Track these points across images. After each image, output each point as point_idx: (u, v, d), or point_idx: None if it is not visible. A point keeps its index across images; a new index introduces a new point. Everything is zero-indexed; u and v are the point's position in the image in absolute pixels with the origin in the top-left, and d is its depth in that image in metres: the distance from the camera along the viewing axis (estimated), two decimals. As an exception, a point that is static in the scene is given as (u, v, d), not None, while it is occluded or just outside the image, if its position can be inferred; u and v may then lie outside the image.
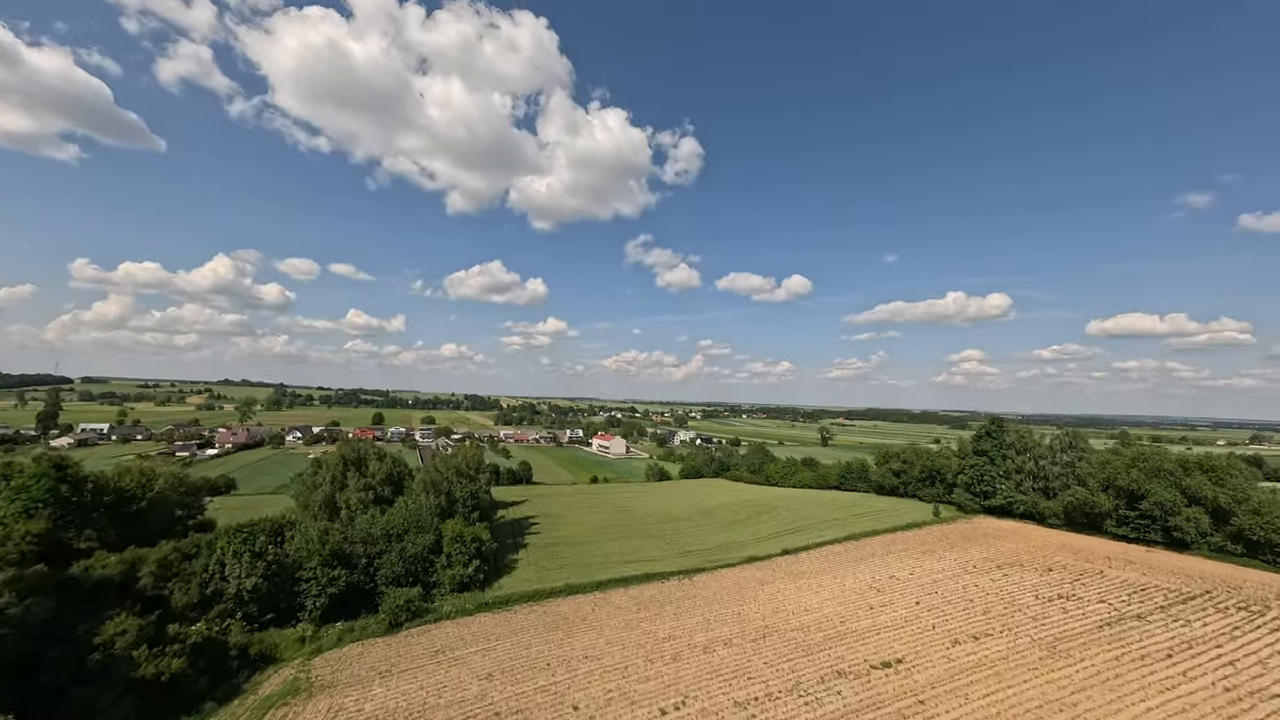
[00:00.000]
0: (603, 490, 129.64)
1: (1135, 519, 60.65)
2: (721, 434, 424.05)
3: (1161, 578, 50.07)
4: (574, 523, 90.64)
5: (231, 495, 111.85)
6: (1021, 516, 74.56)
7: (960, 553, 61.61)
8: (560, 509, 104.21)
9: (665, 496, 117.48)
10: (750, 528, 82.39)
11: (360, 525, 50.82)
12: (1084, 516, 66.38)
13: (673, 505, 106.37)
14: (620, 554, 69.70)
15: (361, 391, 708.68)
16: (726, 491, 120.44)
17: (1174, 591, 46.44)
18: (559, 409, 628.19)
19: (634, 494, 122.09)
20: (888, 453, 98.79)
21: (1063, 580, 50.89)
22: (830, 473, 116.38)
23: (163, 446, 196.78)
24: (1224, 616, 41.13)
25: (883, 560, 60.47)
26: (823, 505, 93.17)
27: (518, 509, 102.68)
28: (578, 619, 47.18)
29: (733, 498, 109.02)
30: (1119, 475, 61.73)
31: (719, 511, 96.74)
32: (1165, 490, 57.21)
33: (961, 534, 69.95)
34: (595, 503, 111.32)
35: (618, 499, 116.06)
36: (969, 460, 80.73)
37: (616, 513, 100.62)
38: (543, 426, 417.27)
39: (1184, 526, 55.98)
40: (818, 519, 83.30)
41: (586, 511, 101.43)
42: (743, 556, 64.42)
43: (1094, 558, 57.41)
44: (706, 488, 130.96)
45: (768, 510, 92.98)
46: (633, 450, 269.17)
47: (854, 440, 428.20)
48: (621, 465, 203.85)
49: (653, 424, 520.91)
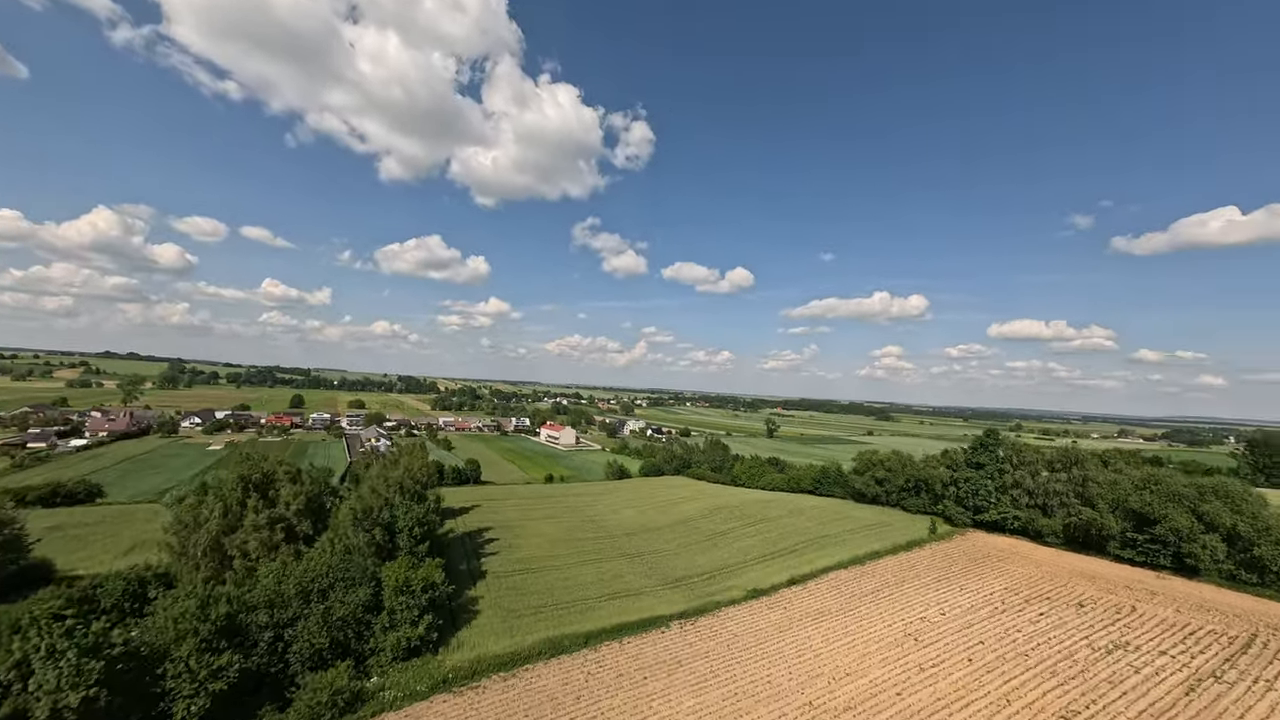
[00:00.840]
0: (561, 492, 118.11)
1: (1144, 543, 58.57)
2: (669, 423, 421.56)
3: (1198, 616, 47.01)
4: (536, 536, 79.09)
5: (96, 504, 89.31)
6: (1015, 533, 72.01)
7: (977, 580, 56.81)
8: (517, 516, 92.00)
9: (631, 500, 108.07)
10: (737, 543, 74.74)
11: (265, 581, 36.95)
12: (1085, 536, 64.21)
13: (642, 512, 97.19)
14: (600, 583, 59.38)
15: (278, 369, 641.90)
16: (694, 494, 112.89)
17: (1223, 635, 43.05)
18: (501, 394, 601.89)
19: (596, 497, 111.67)
20: (869, 459, 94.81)
21: (1103, 621, 46.63)
22: (802, 476, 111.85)
23: (11, 434, 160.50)
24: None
25: (900, 591, 54.36)
26: (807, 516, 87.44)
27: (468, 518, 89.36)
28: (569, 697, 36.53)
29: (706, 503, 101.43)
30: (1130, 497, 59.40)
31: (697, 522, 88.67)
32: (1182, 516, 55.03)
33: (965, 554, 65.86)
34: (555, 508, 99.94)
35: (579, 503, 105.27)
36: (962, 473, 77.41)
37: (582, 522, 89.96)
38: (484, 412, 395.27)
39: (1198, 554, 54.06)
40: (809, 534, 77.07)
41: (547, 521, 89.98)
42: (746, 589, 56.16)
43: (1114, 587, 54.35)
44: (671, 489, 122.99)
45: (750, 521, 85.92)
46: (583, 441, 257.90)
47: (795, 431, 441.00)
48: (575, 459, 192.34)
49: (600, 411, 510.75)
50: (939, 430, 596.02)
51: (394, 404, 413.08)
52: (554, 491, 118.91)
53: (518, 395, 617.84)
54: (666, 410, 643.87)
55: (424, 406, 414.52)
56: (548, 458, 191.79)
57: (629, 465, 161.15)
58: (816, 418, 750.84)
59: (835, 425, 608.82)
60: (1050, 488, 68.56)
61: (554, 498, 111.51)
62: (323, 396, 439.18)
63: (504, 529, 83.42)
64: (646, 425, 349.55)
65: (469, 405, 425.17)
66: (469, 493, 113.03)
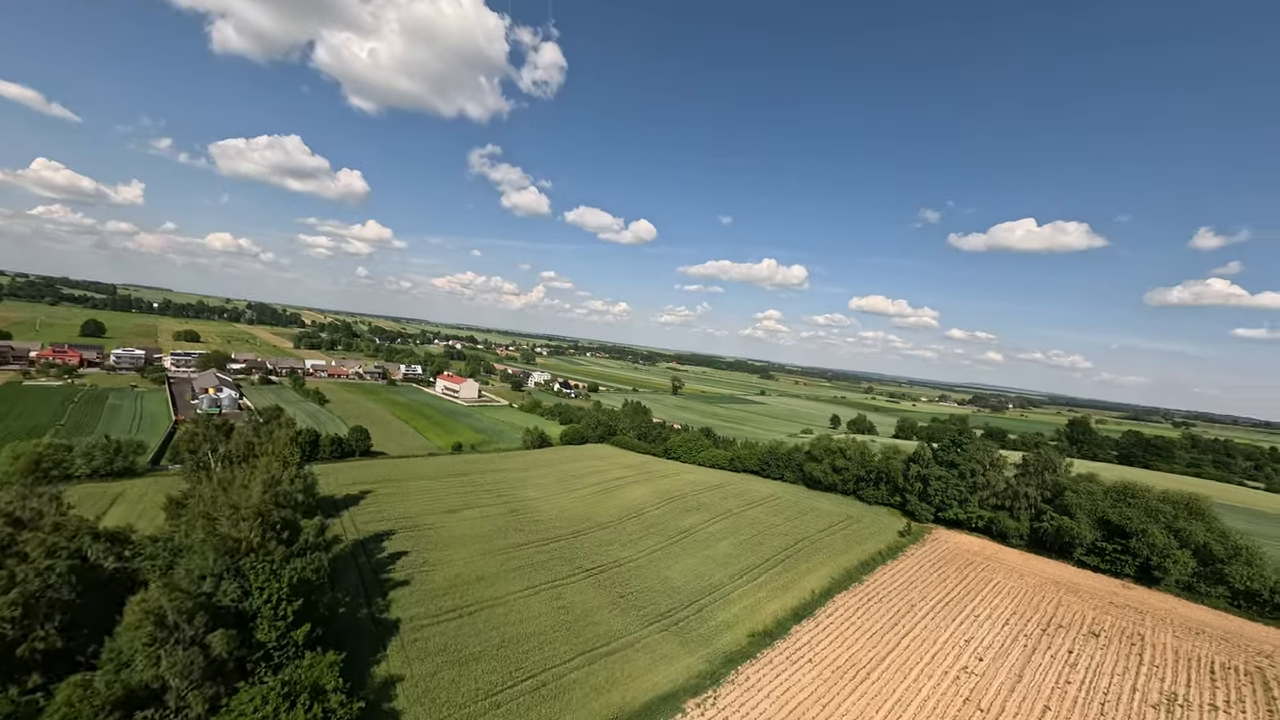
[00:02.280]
0: (476, 467, 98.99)
1: (1113, 552, 59.41)
2: (572, 375, 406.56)
3: (1200, 644, 46.72)
4: (457, 542, 61.55)
5: None
6: (978, 531, 71.47)
7: (981, 602, 52.78)
8: (426, 508, 72.70)
9: (563, 479, 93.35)
10: (709, 547, 64.64)
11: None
12: (1050, 540, 64.57)
13: (582, 498, 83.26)
14: (566, 628, 44.82)
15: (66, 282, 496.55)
16: (634, 472, 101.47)
17: (1247, 672, 42.25)
18: (384, 332, 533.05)
19: (520, 475, 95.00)
20: (826, 445, 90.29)
21: (1129, 657, 44.08)
22: (747, 456, 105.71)
23: None
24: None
25: (919, 624, 48.00)
26: (771, 508, 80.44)
27: (360, 514, 67.98)
28: None
29: (653, 488, 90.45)
30: (1110, 511, 59.46)
31: (651, 513, 77.18)
32: (1161, 534, 55.63)
33: (946, 560, 62.74)
34: (474, 493, 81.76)
35: (502, 484, 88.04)
36: (933, 470, 74.87)
37: (513, 515, 73.63)
38: (364, 354, 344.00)
39: (1169, 568, 55.32)
40: (783, 534, 69.57)
41: (468, 514, 72.14)
42: (750, 629, 45.80)
43: (1101, 603, 53.69)
44: (601, 461, 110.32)
45: (712, 515, 76.49)
46: (486, 394, 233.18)
47: (696, 389, 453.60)
48: (482, 419, 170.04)
49: (499, 358, 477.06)
50: (814, 391, 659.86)
51: (242, 338, 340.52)
52: (467, 467, 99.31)
53: (403, 335, 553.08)
54: (568, 360, 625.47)
55: (283, 343, 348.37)
56: (449, 416, 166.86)
57: (548, 430, 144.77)
58: (708, 374, 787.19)
59: (728, 383, 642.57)
60: (1020, 490, 68.02)
61: (469, 476, 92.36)
62: (135, 323, 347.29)
63: (412, 531, 64.19)
64: (553, 377, 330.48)
65: (343, 344, 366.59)
66: (357, 470, 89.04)
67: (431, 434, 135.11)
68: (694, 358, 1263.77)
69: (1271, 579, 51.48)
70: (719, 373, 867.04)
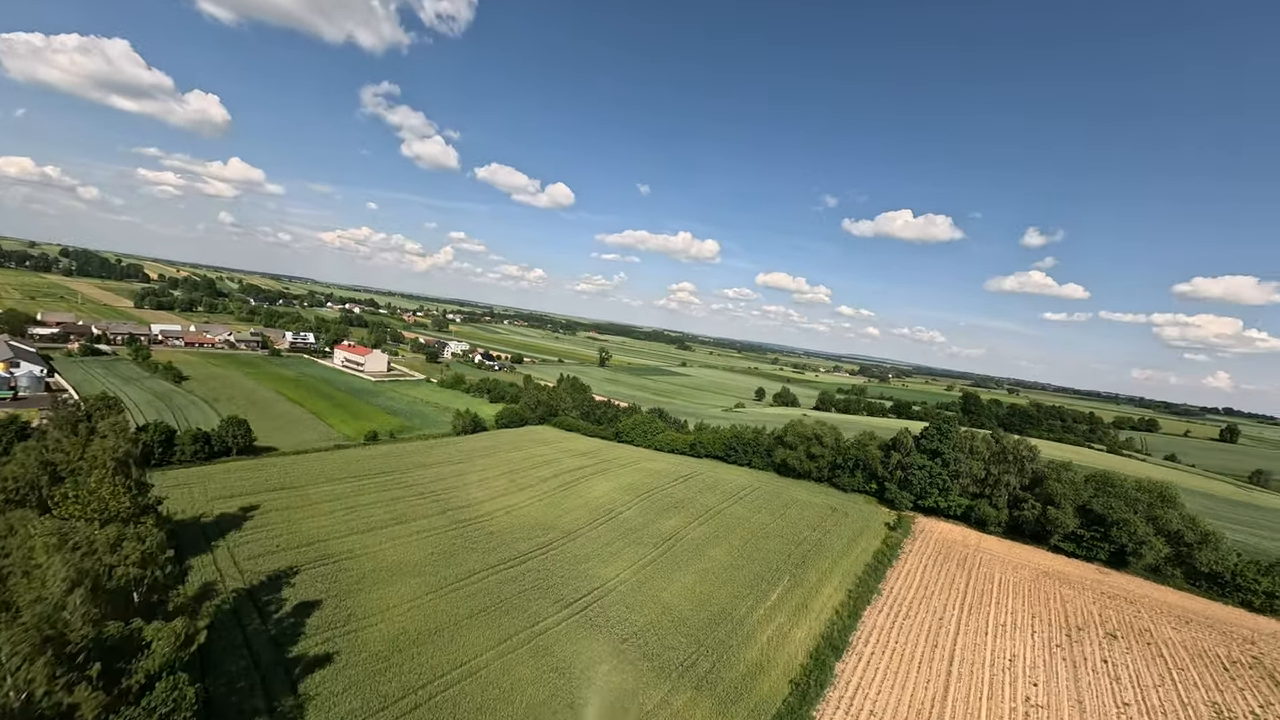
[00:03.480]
0: (402, 463, 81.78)
1: (1090, 539, 60.62)
2: (492, 344, 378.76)
3: (1201, 635, 47.52)
4: (389, 573, 47.53)
5: None
6: (956, 519, 70.95)
7: (996, 603, 50.19)
8: (340, 527, 56.53)
9: (512, 475, 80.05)
10: (702, 558, 56.37)
11: None
12: (1028, 527, 65.15)
13: (537, 498, 71.03)
14: (574, 715, 33.86)
15: None
16: (589, 461, 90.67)
17: (1248, 664, 42.84)
18: (260, 292, 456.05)
19: (457, 471, 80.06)
20: (800, 432, 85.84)
21: (1153, 660, 43.08)
22: (710, 440, 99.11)
23: None
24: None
25: (953, 641, 43.67)
26: (751, 503, 74.22)
27: (241, 542, 50.05)
28: None
29: (616, 482, 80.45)
30: (1093, 501, 60.31)
31: (624, 515, 67.18)
32: (1141, 523, 57.06)
33: (943, 553, 60.43)
34: (403, 498, 66.15)
35: (437, 483, 72.94)
36: (915, 458, 72.82)
37: (457, 528, 59.92)
38: (235, 317, 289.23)
39: (1144, 553, 57.14)
40: (775, 535, 63.30)
41: (398, 530, 57.20)
42: (788, 672, 38.23)
43: (1094, 594, 53.84)
44: (550, 450, 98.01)
45: (693, 514, 68.41)
46: (396, 368, 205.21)
47: (622, 360, 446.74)
48: (397, 398, 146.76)
49: (407, 325, 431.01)
50: (729, 362, 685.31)
51: (54, 293, 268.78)
52: (390, 462, 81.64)
53: (286, 295, 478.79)
54: (484, 329, 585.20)
55: (118, 301, 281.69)
56: (355, 396, 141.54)
57: (481, 411, 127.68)
58: (627, 343, 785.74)
59: (649, 353, 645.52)
60: (1002, 478, 67.90)
61: (394, 476, 75.38)
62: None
63: (324, 565, 48.46)
64: (472, 348, 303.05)
65: (205, 304, 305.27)
66: (237, 475, 68.09)
67: (336, 419, 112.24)
68: (612, 327, 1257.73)
69: (1233, 562, 54.76)
70: (638, 343, 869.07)
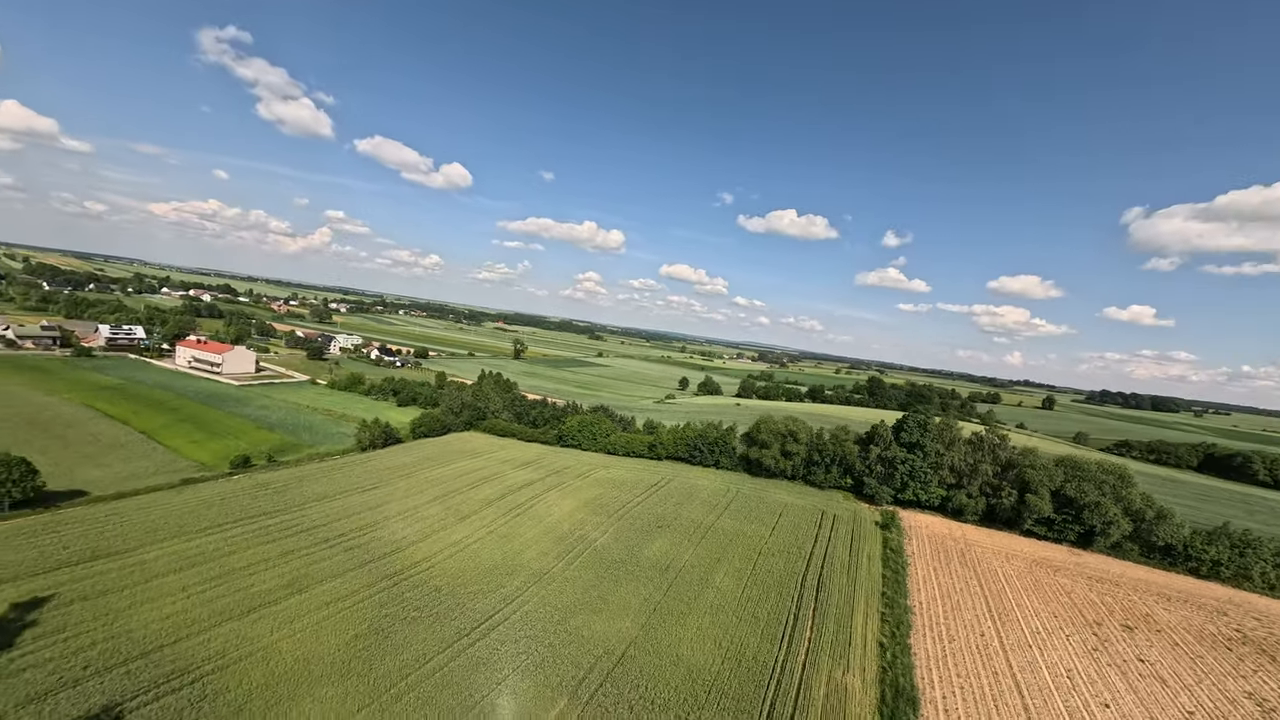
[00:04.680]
0: (289, 498, 62.60)
1: (1062, 522, 62.26)
2: (391, 338, 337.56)
3: (1187, 613, 49.07)
4: (290, 684, 33.16)
5: None
6: (934, 510, 70.16)
7: (1024, 611, 47.96)
8: (198, 613, 39.88)
9: (445, 499, 65.44)
10: (706, 591, 47.90)
11: None
12: (1002, 513, 65.84)
13: (487, 530, 57.73)
14: None
15: None
16: (536, 476, 78.11)
17: (1243, 640, 44.21)
18: (59, 273, 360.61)
19: (373, 498, 63.61)
20: (773, 428, 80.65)
21: (1169, 648, 42.82)
22: (672, 441, 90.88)
23: None
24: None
25: (1017, 671, 39.83)
26: (736, 512, 67.19)
27: (9, 669, 30.95)
28: None
29: (574, 499, 69.15)
30: (1066, 485, 61.76)
31: (599, 543, 56.37)
32: (1111, 504, 59.21)
33: (943, 554, 58.11)
34: (298, 551, 49.38)
35: (346, 521, 56.60)
36: (895, 452, 70.68)
37: (381, 586, 45.66)
38: (17, 305, 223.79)
39: (1111, 533, 59.51)
40: (774, 548, 56.64)
41: (294, 605, 41.27)
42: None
43: (1079, 577, 54.42)
44: (485, 462, 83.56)
45: (681, 532, 59.59)
46: (269, 368, 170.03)
47: (537, 352, 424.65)
48: (271, 406, 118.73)
49: (276, 315, 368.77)
50: (644, 351, 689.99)
51: None
52: (273, 500, 61.98)
53: (99, 278, 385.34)
54: (376, 319, 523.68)
55: None
56: (210, 405, 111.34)
57: (390, 418, 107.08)
58: (538, 334, 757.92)
59: (562, 344, 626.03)
60: (979, 468, 67.91)
61: (281, 517, 56.68)
62: None
63: (178, 692, 32.29)
64: (365, 341, 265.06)
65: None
66: (11, 547, 45.20)
67: (181, 440, 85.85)
68: (520, 317, 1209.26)
69: (1185, 534, 58.81)
70: (549, 333, 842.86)
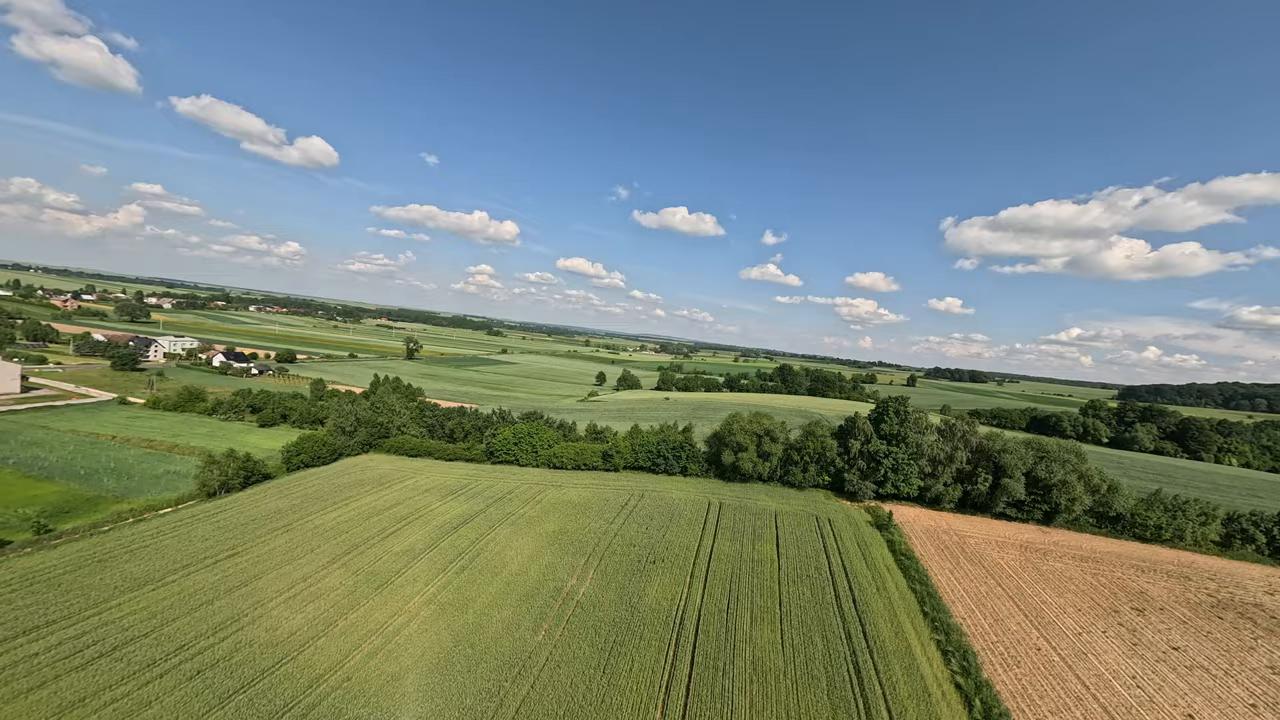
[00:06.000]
0: (83, 596, 42.02)
1: (1030, 502, 64.28)
2: (242, 339, 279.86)
3: (1170, 584, 51.24)
4: None
5: None
6: (912, 501, 69.16)
7: (1046, 606, 46.35)
8: None
9: (346, 558, 49.77)
10: (751, 650, 39.52)
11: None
12: (981, 500, 66.57)
13: (421, 599, 43.64)
14: None
15: None
16: (471, 507, 64.06)
17: (1228, 606, 46.68)
18: None
19: (230, 573, 46.04)
20: (745, 428, 74.39)
21: (1179, 624, 43.55)
22: (630, 449, 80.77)
23: None
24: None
25: (1061, 662, 36.87)
26: (743, 534, 59.51)
27: None
28: None
29: (530, 536, 56.88)
30: (1038, 467, 63.60)
31: (580, 594, 45.40)
32: (1077, 483, 61.86)
33: (946, 551, 55.87)
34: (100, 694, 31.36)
35: (186, 620, 39.07)
36: (876, 446, 68.16)
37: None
38: None
39: (1074, 509, 62.50)
40: (796, 572, 49.85)
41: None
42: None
43: (1068, 558, 55.36)
44: (397, 494, 67.20)
45: (674, 567, 50.29)
46: (44, 384, 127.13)
47: (433, 350, 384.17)
48: (49, 441, 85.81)
49: (59, 313, 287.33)
50: (548, 346, 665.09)
51: None
52: (39, 610, 41.16)
53: None
54: (217, 316, 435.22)
55: None
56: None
57: (253, 445, 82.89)
58: (430, 331, 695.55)
59: (459, 341, 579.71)
60: (955, 455, 67.87)
61: (50, 634, 37.17)
62: None
63: None
64: (203, 344, 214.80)
65: None
66: None
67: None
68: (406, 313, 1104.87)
69: (1132, 504, 63.63)
70: (442, 330, 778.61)
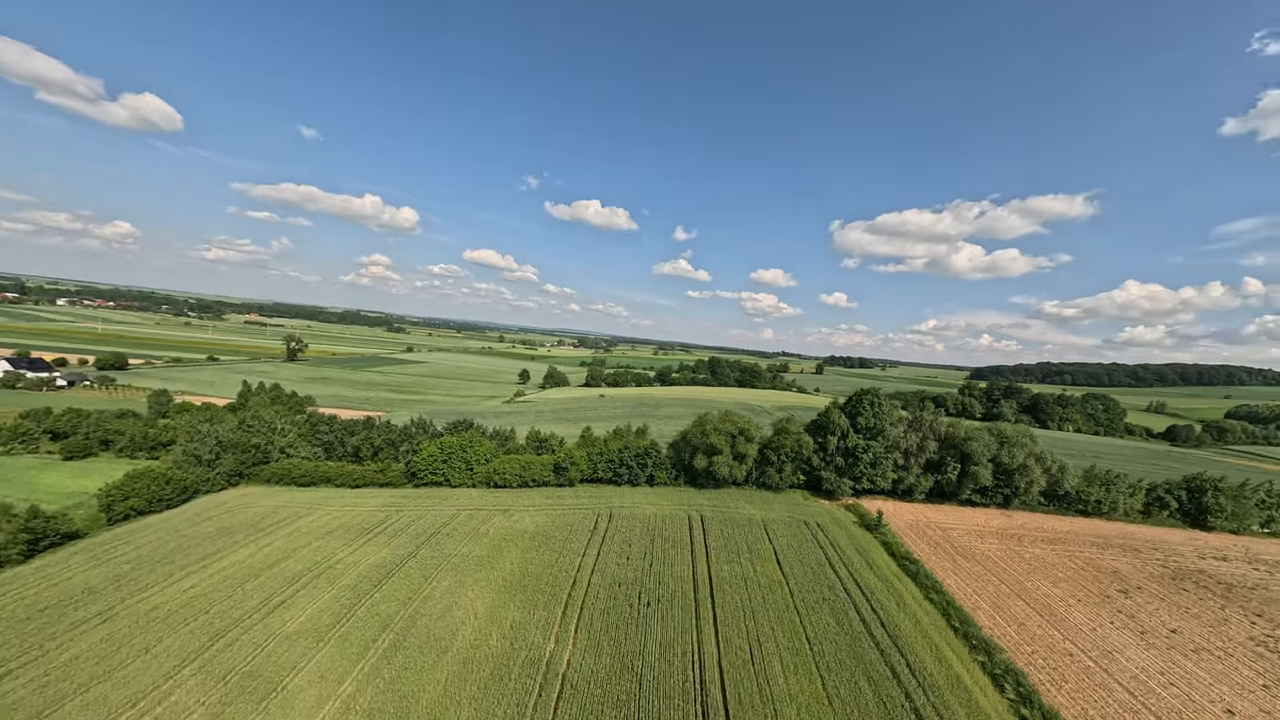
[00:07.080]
0: None
1: (994, 488, 65.91)
2: (40, 341, 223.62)
3: (1132, 560, 53.69)
4: None
5: None
6: (885, 495, 68.13)
7: (1050, 600, 45.77)
8: None
9: (208, 658, 36.36)
10: (789, 710, 33.29)
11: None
12: (951, 489, 67.14)
13: (337, 712, 32.13)
14: None
15: None
16: (397, 551, 52.37)
17: (1187, 576, 49.51)
18: None
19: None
20: (718, 428, 68.57)
21: (1165, 602, 45.01)
22: (586, 459, 71.67)
23: None
24: None
25: (1100, 665, 35.41)
26: (738, 554, 53.29)
27: None
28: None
29: (484, 586, 46.91)
30: (1000, 454, 64.92)
31: (575, 674, 36.14)
32: (1035, 466, 64.19)
33: (930, 544, 54.36)
34: None
35: None
36: (853, 440, 65.81)
37: None
38: None
39: (1031, 491, 65.07)
40: (806, 601, 44.82)
41: None
42: None
43: (1039, 541, 56.51)
44: (282, 541, 53.25)
45: (678, 608, 43.13)
46: None
47: (323, 351, 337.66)
48: None
49: None
50: (460, 343, 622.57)
51: None
52: None
53: None
54: (5, 312, 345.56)
55: None
56: None
57: (56, 489, 61.61)
58: (316, 328, 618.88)
59: (355, 339, 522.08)
60: (925, 445, 67.65)
61: None
62: None
63: None
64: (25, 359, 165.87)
65: None
66: None
67: None
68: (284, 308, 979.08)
69: (1076, 481, 67.74)
70: (332, 327, 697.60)
